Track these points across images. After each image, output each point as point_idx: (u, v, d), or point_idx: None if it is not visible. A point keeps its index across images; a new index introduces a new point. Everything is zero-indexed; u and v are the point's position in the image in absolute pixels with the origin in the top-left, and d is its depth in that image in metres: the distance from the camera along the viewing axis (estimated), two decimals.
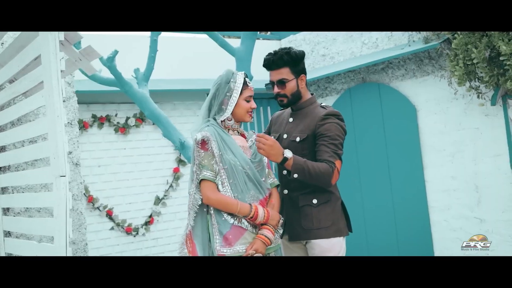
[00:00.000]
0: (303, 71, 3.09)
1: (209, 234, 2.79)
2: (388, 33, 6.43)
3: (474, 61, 4.93)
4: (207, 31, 3.15)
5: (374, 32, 6.59)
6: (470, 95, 5.49)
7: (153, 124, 6.69)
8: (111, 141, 6.47)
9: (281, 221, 2.88)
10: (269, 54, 3.06)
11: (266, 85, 3.14)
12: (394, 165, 6.31)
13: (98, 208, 6.25)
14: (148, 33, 4.07)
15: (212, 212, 2.79)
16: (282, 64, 3.00)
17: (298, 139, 3.02)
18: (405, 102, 6.24)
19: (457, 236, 5.80)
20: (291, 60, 3.01)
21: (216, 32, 3.70)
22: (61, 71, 2.55)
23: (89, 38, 3.46)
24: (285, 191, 3.09)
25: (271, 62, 3.03)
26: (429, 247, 6.05)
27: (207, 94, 2.97)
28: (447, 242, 5.92)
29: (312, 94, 3.17)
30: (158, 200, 6.69)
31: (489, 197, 5.55)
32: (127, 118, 6.56)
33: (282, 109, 3.37)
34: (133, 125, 6.59)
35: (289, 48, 3.05)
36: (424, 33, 5.89)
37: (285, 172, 3.06)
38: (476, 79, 5.21)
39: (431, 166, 6.05)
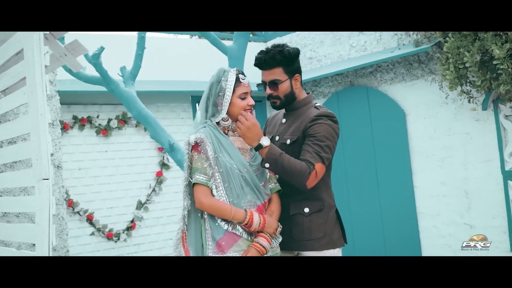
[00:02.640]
0: (298, 70, 2.87)
1: (202, 239, 2.64)
2: (377, 36, 6.34)
3: (467, 65, 4.85)
4: (198, 31, 3.01)
5: (363, 35, 6.50)
6: (461, 99, 5.41)
7: (136, 126, 6.53)
8: (92, 144, 6.27)
9: (279, 229, 2.73)
10: (261, 52, 2.86)
11: (257, 85, 2.95)
12: (382, 170, 6.21)
13: (78, 212, 6.05)
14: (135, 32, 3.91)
15: (206, 217, 2.65)
16: (274, 64, 2.79)
17: (288, 141, 2.83)
18: (394, 106, 6.16)
19: (446, 242, 5.72)
20: (284, 60, 2.80)
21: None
22: (45, 66, 2.38)
23: (74, 36, 3.29)
24: None
25: (262, 62, 2.81)
26: (418, 254, 5.96)
27: (192, 96, 2.80)
28: (436, 249, 5.84)
29: (308, 93, 3.01)
30: (140, 205, 6.50)
31: (480, 203, 5.48)
32: (109, 120, 6.36)
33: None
34: (115, 127, 6.39)
35: (283, 45, 2.85)
36: (414, 37, 5.81)
37: (277, 176, 2.91)
38: (468, 84, 5.13)
39: (420, 171, 5.97)
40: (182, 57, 6.79)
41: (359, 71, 6.49)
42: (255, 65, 2.87)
